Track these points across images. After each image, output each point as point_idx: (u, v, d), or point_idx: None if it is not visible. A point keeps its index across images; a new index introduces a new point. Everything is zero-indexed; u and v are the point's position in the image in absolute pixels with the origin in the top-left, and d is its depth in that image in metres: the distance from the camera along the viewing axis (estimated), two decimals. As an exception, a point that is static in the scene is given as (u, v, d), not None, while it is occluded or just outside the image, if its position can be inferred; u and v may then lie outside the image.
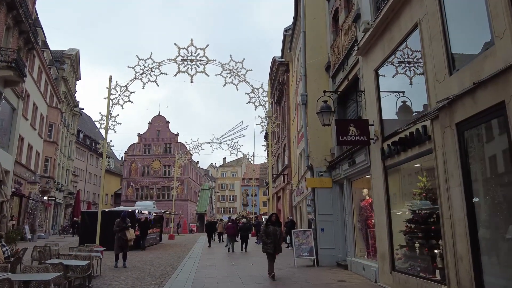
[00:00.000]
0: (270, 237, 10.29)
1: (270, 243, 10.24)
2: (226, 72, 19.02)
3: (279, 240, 10.52)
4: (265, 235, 10.42)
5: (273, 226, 10.44)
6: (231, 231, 20.18)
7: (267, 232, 10.40)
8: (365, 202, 11.18)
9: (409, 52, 8.18)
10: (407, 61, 8.46)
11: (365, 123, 9.29)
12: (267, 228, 10.49)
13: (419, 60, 7.56)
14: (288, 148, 26.79)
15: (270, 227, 10.43)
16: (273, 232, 10.34)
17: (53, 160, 34.07)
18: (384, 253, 8.66)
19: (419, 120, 6.42)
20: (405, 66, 8.57)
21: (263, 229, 10.62)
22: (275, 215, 10.81)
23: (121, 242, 13.24)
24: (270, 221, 10.63)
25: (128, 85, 18.66)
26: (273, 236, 10.29)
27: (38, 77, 29.52)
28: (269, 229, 10.41)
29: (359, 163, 10.33)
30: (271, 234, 10.31)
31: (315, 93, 13.73)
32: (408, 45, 8.01)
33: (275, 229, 10.43)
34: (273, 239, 10.25)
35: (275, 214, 10.92)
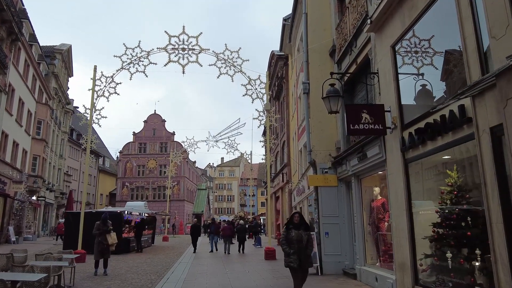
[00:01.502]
0: (293, 245, 7.30)
1: (293, 253, 7.25)
2: (221, 62, 17.68)
3: (307, 249, 7.43)
4: (286, 243, 7.43)
5: (296, 230, 7.42)
6: (227, 233, 20.02)
7: (289, 239, 7.40)
8: (377, 202, 9.77)
9: (434, 23, 6.77)
10: (430, 35, 7.08)
11: (381, 109, 7.88)
12: (288, 233, 7.48)
13: (447, 33, 6.18)
14: (287, 146, 25.38)
15: (292, 232, 7.42)
16: (297, 238, 7.33)
17: (42, 158, 32.58)
18: (404, 263, 7.24)
19: (457, 98, 4.99)
20: (427, 42, 7.18)
21: (283, 235, 7.64)
22: (298, 215, 7.65)
23: (102, 247, 11.80)
24: (292, 223, 7.56)
25: (114, 76, 17.29)
26: (297, 244, 7.30)
27: (24, 71, 28.07)
28: (291, 234, 7.40)
29: (371, 157, 8.92)
30: (294, 241, 7.32)
31: (319, 80, 12.30)
32: (434, 14, 6.59)
33: (299, 234, 7.37)
34: (297, 248, 7.27)
35: (298, 213, 7.74)
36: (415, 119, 6.88)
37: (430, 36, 7.05)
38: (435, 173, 6.91)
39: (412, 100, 7.66)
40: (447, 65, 6.59)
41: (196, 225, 21.18)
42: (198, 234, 20.86)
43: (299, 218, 7.57)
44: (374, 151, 8.68)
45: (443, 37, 6.82)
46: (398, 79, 7.72)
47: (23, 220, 29.03)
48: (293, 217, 7.63)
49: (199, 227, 21.74)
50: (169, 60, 17.15)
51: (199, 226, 21.69)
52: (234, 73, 17.63)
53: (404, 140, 7.25)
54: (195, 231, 20.73)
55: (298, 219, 7.55)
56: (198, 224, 21.89)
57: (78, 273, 12.07)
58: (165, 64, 17.17)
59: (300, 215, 7.67)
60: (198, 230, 20.96)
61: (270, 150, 20.53)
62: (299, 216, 7.61)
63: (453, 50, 6.32)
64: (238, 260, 16.42)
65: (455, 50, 6.17)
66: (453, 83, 6.30)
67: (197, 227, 21.09)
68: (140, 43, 17.36)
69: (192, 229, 21.09)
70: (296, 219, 7.55)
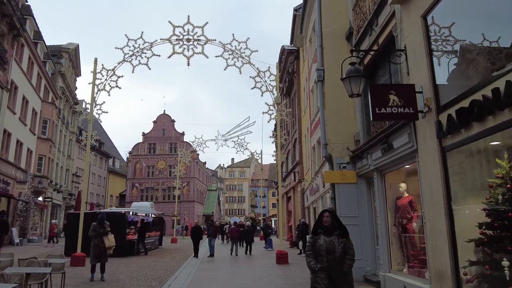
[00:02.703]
0: (322, 257, 4.97)
1: (321, 269, 4.92)
2: (228, 53, 16.66)
3: (342, 264, 4.98)
4: (312, 254, 5.10)
5: (327, 237, 5.04)
6: (235, 235, 19.65)
7: (316, 248, 5.07)
8: (403, 200, 8.58)
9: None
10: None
11: (411, 90, 6.70)
12: (315, 239, 5.15)
13: None
14: (299, 143, 24.24)
15: (321, 238, 5.07)
16: (328, 248, 4.98)
17: (47, 158, 31.87)
18: (443, 271, 6.06)
19: None
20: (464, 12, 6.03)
21: (309, 243, 5.28)
22: (330, 214, 5.23)
23: (98, 250, 10.80)
24: (321, 226, 5.19)
25: (115, 69, 16.37)
26: (328, 256, 4.95)
27: (28, 68, 27.38)
28: (319, 241, 5.06)
29: (398, 148, 7.74)
30: (323, 251, 4.98)
31: (334, 67, 11.18)
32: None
33: (331, 241, 5.01)
34: (327, 262, 4.93)
35: (330, 211, 5.31)
36: (456, 97, 5.71)
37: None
38: (482, 163, 5.72)
39: (446, 80, 6.50)
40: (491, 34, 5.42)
41: (197, 226, 19.26)
42: (200, 237, 18.68)
43: (330, 219, 5.16)
44: (402, 141, 7.50)
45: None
46: (431, 53, 6.55)
47: (28, 221, 28.34)
48: (322, 216, 5.23)
49: (201, 229, 19.38)
50: (173, 52, 16.20)
51: (200, 228, 19.45)
52: (242, 65, 16.63)
53: (441, 124, 6.09)
54: (196, 234, 18.57)
55: (329, 220, 5.14)
56: (200, 226, 19.85)
57: (74, 279, 11.16)
58: (169, 56, 16.25)
59: (332, 215, 5.24)
60: (199, 233, 18.72)
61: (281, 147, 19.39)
62: (330, 216, 5.19)
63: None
64: (247, 264, 15.32)
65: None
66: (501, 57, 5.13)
67: (198, 229, 18.94)
68: (143, 34, 16.45)
69: (193, 231, 18.94)
70: (326, 219, 5.15)
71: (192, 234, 18.68)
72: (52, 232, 26.07)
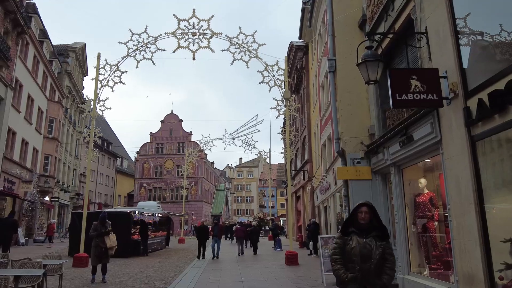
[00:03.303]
0: (354, 264, 3.83)
1: (353, 280, 3.80)
2: (235, 47, 16.11)
3: (382, 275, 3.81)
4: (340, 260, 3.94)
5: (361, 238, 3.89)
6: (240, 234, 19.56)
7: (347, 252, 3.92)
8: (423, 197, 7.95)
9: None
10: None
11: (434, 74, 6.09)
12: (345, 240, 3.98)
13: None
14: (309, 141, 23.60)
15: (353, 240, 3.91)
16: (362, 253, 3.82)
17: (54, 158, 31.61)
18: (473, 275, 5.43)
19: None
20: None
21: (336, 244, 4.04)
22: (369, 209, 3.97)
23: (99, 250, 10.29)
24: (354, 223, 4.02)
25: (119, 64, 15.88)
26: (362, 263, 3.80)
27: (34, 67, 27.10)
28: (350, 244, 3.92)
29: (419, 140, 7.10)
30: (357, 257, 3.83)
31: (347, 57, 10.60)
32: None
33: (367, 245, 3.84)
34: (361, 271, 3.79)
35: (369, 205, 4.00)
36: (489, 79, 5.08)
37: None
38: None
39: (473, 62, 5.88)
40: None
41: (203, 226, 18.01)
42: (206, 237, 17.57)
43: (369, 215, 3.92)
44: (423, 131, 6.86)
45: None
46: (457, 33, 5.93)
47: (34, 221, 28.06)
48: (356, 212, 3.97)
49: (207, 229, 18.24)
50: (178, 46, 15.71)
51: (206, 228, 18.30)
52: (249, 59, 16.07)
53: (470, 111, 5.46)
54: (202, 234, 17.50)
55: (368, 217, 3.91)
56: (206, 226, 18.59)
57: (74, 280, 10.70)
58: (174, 50, 15.73)
59: (371, 210, 3.94)
60: (205, 233, 17.64)
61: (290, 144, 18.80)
62: (369, 212, 3.93)
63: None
64: (255, 265, 14.75)
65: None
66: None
67: (204, 229, 17.80)
68: (147, 28, 15.98)
69: (198, 231, 17.92)
70: (364, 217, 3.91)
71: (197, 234, 17.81)
72: (52, 231, 25.71)
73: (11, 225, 16.33)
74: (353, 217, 4.04)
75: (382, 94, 9.71)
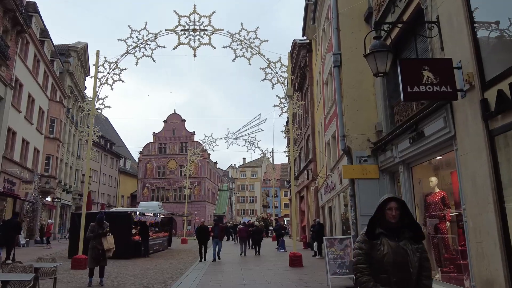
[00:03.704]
0: (388, 275, 3.01)
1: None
2: (236, 43, 15.76)
3: (420, 284, 3.04)
4: (367, 267, 3.10)
5: (393, 241, 3.07)
6: (243, 235, 19.38)
7: (376, 259, 3.08)
8: (434, 196, 7.55)
9: None
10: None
11: (448, 65, 5.69)
12: (372, 244, 3.12)
13: None
14: (312, 140, 23.21)
15: (383, 244, 3.07)
16: (398, 260, 3.01)
17: (55, 158, 31.35)
18: (493, 280, 5.03)
19: None
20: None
21: (360, 248, 3.16)
22: (399, 205, 3.13)
23: (96, 252, 9.95)
24: (381, 223, 3.15)
25: (118, 61, 15.57)
26: (398, 273, 2.99)
27: (34, 66, 26.84)
28: (380, 248, 3.07)
29: (430, 136, 6.69)
30: (390, 265, 3.01)
31: (352, 51, 10.21)
32: None
33: (401, 250, 3.04)
34: (396, 282, 2.99)
35: (399, 199, 3.18)
36: (509, 69, 4.68)
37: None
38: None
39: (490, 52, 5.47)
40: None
41: (203, 226, 17.19)
42: (207, 238, 16.79)
43: (399, 213, 3.12)
44: (436, 126, 6.46)
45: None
46: (472, 20, 5.52)
47: (36, 222, 27.79)
48: (384, 209, 3.14)
49: (207, 230, 17.31)
50: (178, 43, 15.40)
51: (206, 228, 17.44)
52: (251, 56, 15.71)
53: (488, 103, 5.06)
54: (202, 235, 16.66)
55: (398, 214, 3.11)
56: (206, 226, 17.75)
57: (70, 283, 10.39)
58: (175, 47, 15.41)
59: (402, 206, 3.14)
60: (205, 233, 16.85)
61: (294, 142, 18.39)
62: (400, 209, 3.12)
63: None
64: (258, 266, 14.36)
65: None
66: None
67: (204, 229, 16.98)
68: (147, 25, 15.65)
69: (198, 232, 16.97)
70: (393, 214, 3.10)
71: (197, 235, 16.88)
72: (49, 232, 25.38)
73: (14, 226, 16.14)
74: (380, 214, 3.14)
75: (389, 89, 9.31)
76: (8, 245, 15.59)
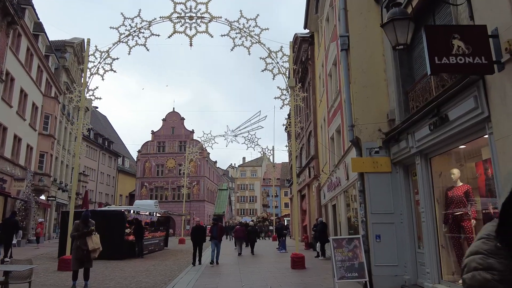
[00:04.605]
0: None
1: None
2: (235, 32, 14.88)
3: None
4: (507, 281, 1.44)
5: None
6: (240, 234, 19.30)
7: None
8: (457, 190, 6.67)
9: None
10: None
11: (482, 32, 4.80)
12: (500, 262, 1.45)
13: None
14: (315, 136, 22.32)
15: None
16: None
17: (49, 155, 30.47)
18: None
19: None
20: None
21: (492, 256, 1.48)
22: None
23: (80, 253, 9.07)
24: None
25: (110, 50, 14.67)
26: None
27: (27, 60, 25.97)
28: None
29: (457, 119, 5.80)
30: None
31: (361, 33, 9.33)
32: None
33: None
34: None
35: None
36: None
37: None
38: None
39: None
40: None
41: (199, 226, 15.24)
42: (203, 239, 15.03)
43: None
44: (463, 108, 5.56)
45: None
46: (513, -21, 4.64)
47: (29, 221, 26.89)
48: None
49: (203, 230, 15.51)
50: (174, 31, 14.51)
51: (203, 228, 15.56)
52: (251, 45, 14.84)
53: (535, 75, 4.18)
54: (197, 236, 14.78)
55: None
56: (202, 226, 15.77)
57: (54, 286, 9.50)
58: (170, 36, 14.54)
59: None
60: (201, 234, 15.02)
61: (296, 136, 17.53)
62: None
63: None
64: (258, 268, 13.47)
65: None
66: None
67: (199, 229, 15.08)
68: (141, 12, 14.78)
69: (193, 232, 15.00)
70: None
71: (192, 236, 14.84)
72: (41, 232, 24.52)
73: (13, 225, 15.68)
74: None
75: (403, 73, 8.43)
76: (7, 243, 15.18)
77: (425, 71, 7.18)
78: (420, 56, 7.86)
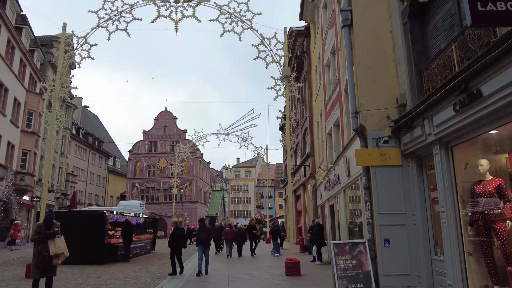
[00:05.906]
0: None
1: None
2: (225, 16, 13.67)
3: None
4: None
5: None
6: (229, 237, 18.50)
7: None
8: (487, 185, 5.50)
9: None
10: None
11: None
12: None
13: None
14: (310, 132, 21.15)
15: None
16: None
17: (33, 153, 29.05)
18: None
19: None
20: None
21: None
22: None
23: (42, 260, 7.78)
24: None
25: (88, 36, 13.41)
26: None
27: (7, 53, 24.61)
28: None
29: (493, 94, 4.62)
30: None
31: (367, 8, 8.16)
32: None
33: None
34: None
35: None
36: None
37: None
38: None
39: None
40: None
41: (177, 228, 12.17)
42: (182, 244, 12.15)
43: None
44: (503, 79, 4.38)
45: None
46: None
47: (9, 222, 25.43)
48: None
49: (182, 233, 12.43)
50: (158, 15, 13.30)
51: (181, 230, 12.56)
52: (242, 30, 13.61)
53: None
54: (176, 240, 11.89)
55: None
56: (181, 228, 12.77)
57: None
58: (153, 20, 13.31)
59: None
60: (180, 238, 12.05)
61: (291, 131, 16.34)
62: None
63: None
64: (249, 274, 12.23)
65: None
66: None
67: (179, 232, 12.12)
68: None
69: (172, 237, 12.01)
70: None
71: (170, 240, 12.08)
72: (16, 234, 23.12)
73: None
74: None
75: (415, 51, 7.27)
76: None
77: (442, 45, 6.03)
78: (436, 29, 6.70)
